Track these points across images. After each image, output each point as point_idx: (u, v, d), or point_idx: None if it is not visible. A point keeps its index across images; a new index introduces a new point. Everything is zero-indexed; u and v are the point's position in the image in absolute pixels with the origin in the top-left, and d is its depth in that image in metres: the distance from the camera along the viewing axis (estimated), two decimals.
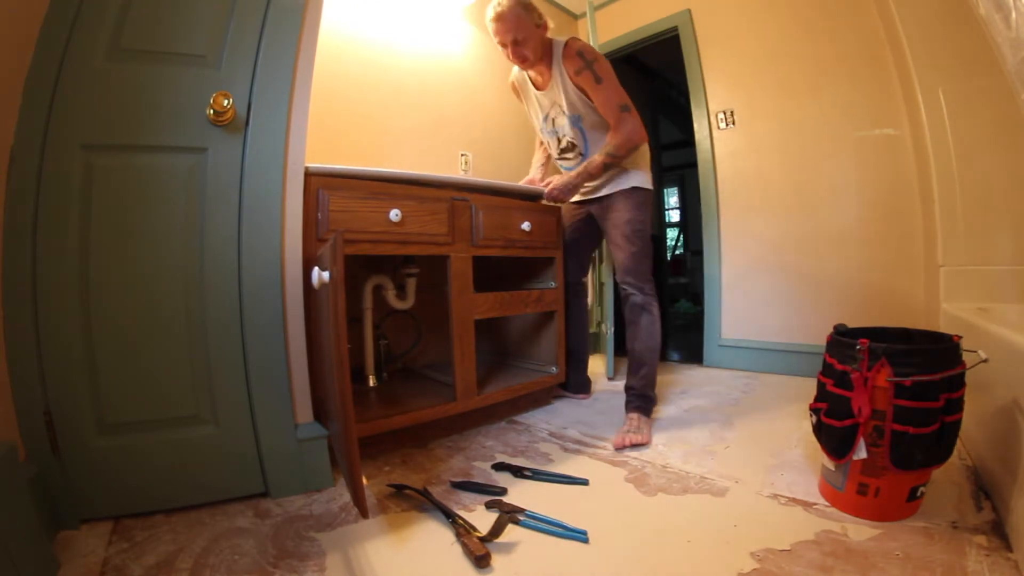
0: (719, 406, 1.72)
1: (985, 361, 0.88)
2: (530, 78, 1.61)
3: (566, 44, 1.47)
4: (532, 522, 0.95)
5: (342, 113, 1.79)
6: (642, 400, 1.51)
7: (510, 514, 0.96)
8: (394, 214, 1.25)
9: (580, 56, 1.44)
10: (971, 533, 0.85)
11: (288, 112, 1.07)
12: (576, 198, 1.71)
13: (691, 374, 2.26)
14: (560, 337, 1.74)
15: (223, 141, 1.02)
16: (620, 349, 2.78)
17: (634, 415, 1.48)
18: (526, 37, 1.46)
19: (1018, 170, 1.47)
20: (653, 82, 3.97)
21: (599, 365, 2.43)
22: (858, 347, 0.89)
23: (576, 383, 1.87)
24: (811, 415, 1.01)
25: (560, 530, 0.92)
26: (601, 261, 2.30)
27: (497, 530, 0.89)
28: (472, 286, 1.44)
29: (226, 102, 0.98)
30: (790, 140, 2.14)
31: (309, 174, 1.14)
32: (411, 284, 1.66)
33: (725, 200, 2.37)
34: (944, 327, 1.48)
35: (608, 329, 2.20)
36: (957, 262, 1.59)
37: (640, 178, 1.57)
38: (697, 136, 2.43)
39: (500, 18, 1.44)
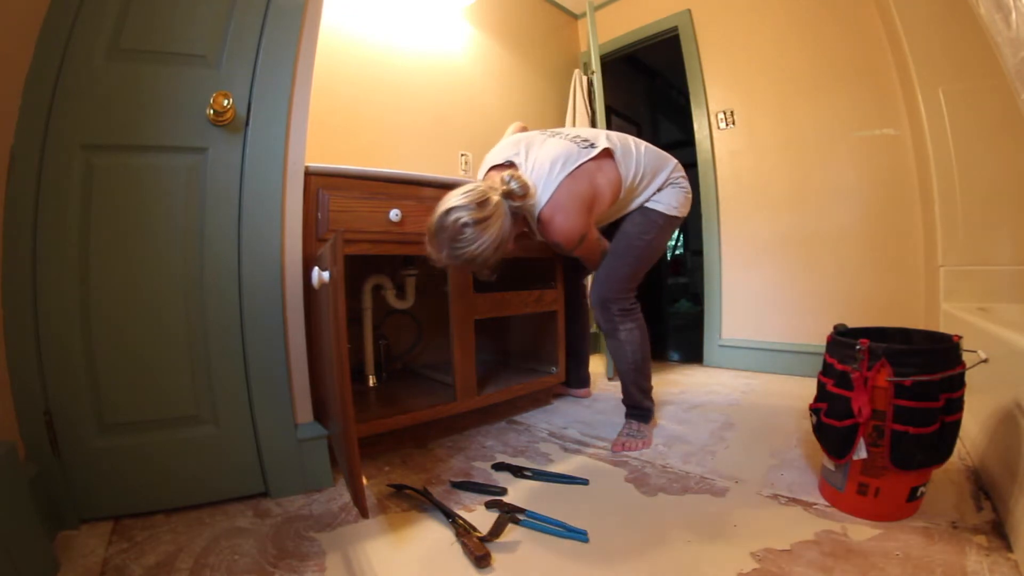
0: (719, 406, 1.72)
1: (985, 361, 0.88)
2: None
3: (539, 221, 1.22)
4: (532, 522, 0.95)
5: (342, 113, 1.79)
6: (635, 410, 1.48)
7: (510, 514, 0.96)
8: (394, 214, 1.25)
9: (557, 245, 1.28)
10: (971, 533, 0.85)
11: (288, 112, 1.07)
12: None
13: (691, 374, 2.26)
14: (560, 337, 1.74)
15: (223, 141, 1.02)
16: None
17: (632, 421, 1.46)
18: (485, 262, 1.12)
19: (1018, 170, 1.47)
20: (653, 82, 3.97)
21: (599, 365, 2.43)
22: (858, 347, 0.89)
23: (577, 379, 1.88)
24: (811, 415, 1.01)
25: (560, 530, 0.92)
26: None
27: (497, 530, 0.90)
28: (472, 286, 1.44)
29: (226, 102, 0.98)
30: (790, 140, 2.14)
31: (309, 174, 1.14)
32: (411, 284, 1.66)
33: (725, 200, 2.37)
34: (944, 327, 1.48)
35: None
36: (957, 262, 1.59)
37: (659, 200, 1.36)
38: (697, 136, 2.43)
39: (453, 263, 1.11)
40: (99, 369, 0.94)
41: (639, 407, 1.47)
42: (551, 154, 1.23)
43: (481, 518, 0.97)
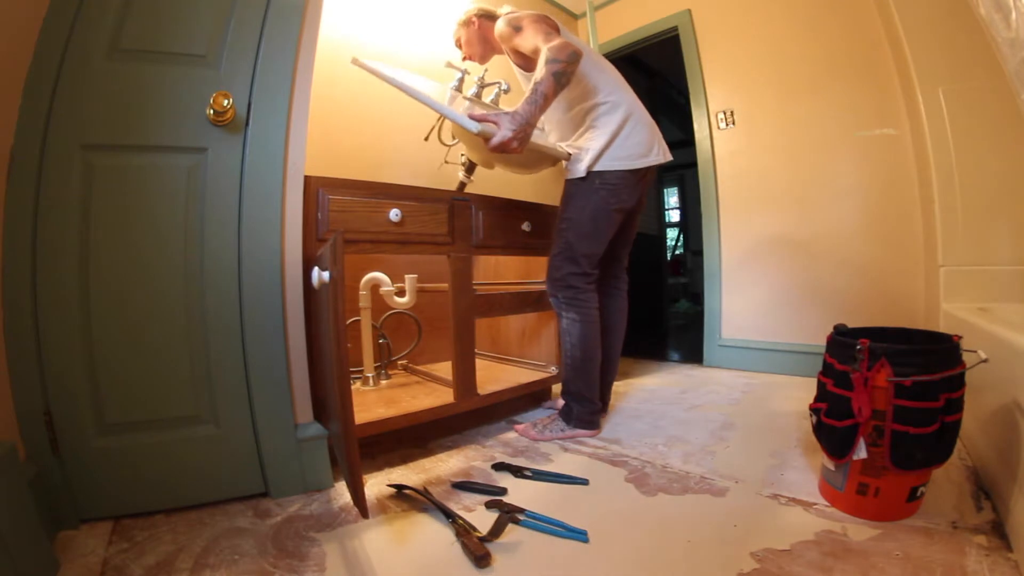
0: (719, 406, 1.72)
1: (985, 361, 0.87)
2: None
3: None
4: (532, 522, 0.95)
5: (342, 117, 1.79)
6: (565, 406, 1.48)
7: (510, 514, 0.96)
8: (394, 214, 1.25)
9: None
10: (971, 533, 0.85)
11: (288, 112, 1.07)
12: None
13: (691, 374, 2.26)
14: (560, 337, 1.74)
15: (223, 141, 1.02)
16: (626, 350, 2.77)
17: (559, 417, 1.47)
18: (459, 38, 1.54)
19: (1018, 170, 1.47)
20: (653, 82, 3.97)
21: None
22: (858, 347, 0.89)
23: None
24: (811, 415, 1.01)
25: (560, 530, 0.92)
26: None
27: (497, 530, 0.90)
28: (472, 286, 1.44)
29: (226, 102, 0.98)
30: (790, 140, 2.14)
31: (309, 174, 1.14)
32: (411, 283, 1.66)
33: (725, 200, 2.37)
34: (944, 327, 1.48)
35: None
36: (957, 262, 1.59)
37: (578, 160, 1.35)
38: (697, 136, 2.43)
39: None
40: (99, 369, 0.94)
41: (567, 405, 1.47)
42: None
43: (481, 518, 0.97)
